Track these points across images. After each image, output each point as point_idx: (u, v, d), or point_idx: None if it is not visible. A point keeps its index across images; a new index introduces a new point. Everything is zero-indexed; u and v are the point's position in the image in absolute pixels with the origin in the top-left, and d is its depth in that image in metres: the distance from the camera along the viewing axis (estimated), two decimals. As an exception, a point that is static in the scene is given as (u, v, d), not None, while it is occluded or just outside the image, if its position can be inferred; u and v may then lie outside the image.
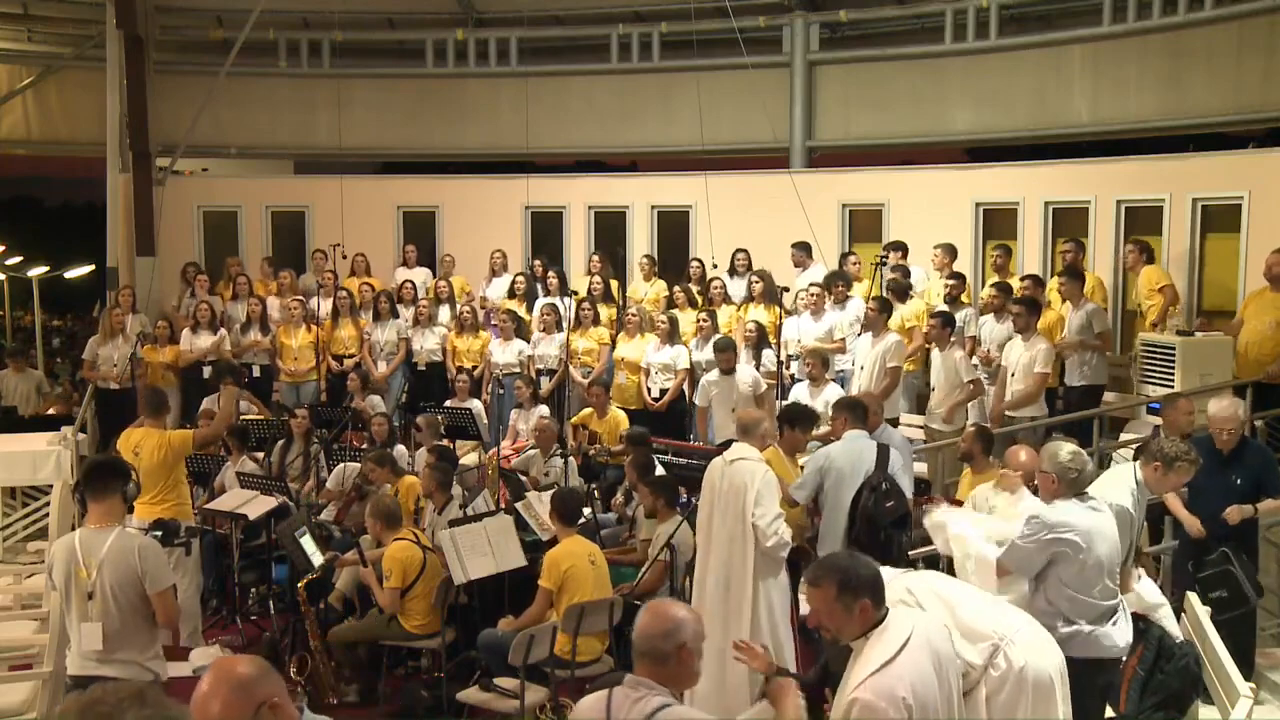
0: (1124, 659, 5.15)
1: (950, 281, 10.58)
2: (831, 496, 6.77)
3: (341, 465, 9.40)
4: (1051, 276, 11.23)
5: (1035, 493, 5.52)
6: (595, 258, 12.31)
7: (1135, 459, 5.81)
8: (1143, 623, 5.36)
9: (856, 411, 7.09)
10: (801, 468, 7.22)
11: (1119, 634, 5.02)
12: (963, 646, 4.30)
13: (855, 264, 11.59)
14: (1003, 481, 6.08)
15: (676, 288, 11.76)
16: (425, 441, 9.41)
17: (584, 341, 11.24)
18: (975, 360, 9.76)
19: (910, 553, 6.81)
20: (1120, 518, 5.19)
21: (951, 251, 11.03)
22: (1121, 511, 5.26)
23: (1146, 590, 5.57)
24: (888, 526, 6.52)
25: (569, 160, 17.15)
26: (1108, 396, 9.75)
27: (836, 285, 10.70)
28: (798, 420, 7.37)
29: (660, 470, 8.11)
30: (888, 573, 4.53)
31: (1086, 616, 4.94)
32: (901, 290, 10.68)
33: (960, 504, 6.45)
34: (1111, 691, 5.21)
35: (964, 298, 10.64)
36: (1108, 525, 5.04)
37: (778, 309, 10.72)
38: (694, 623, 3.46)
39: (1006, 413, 9.25)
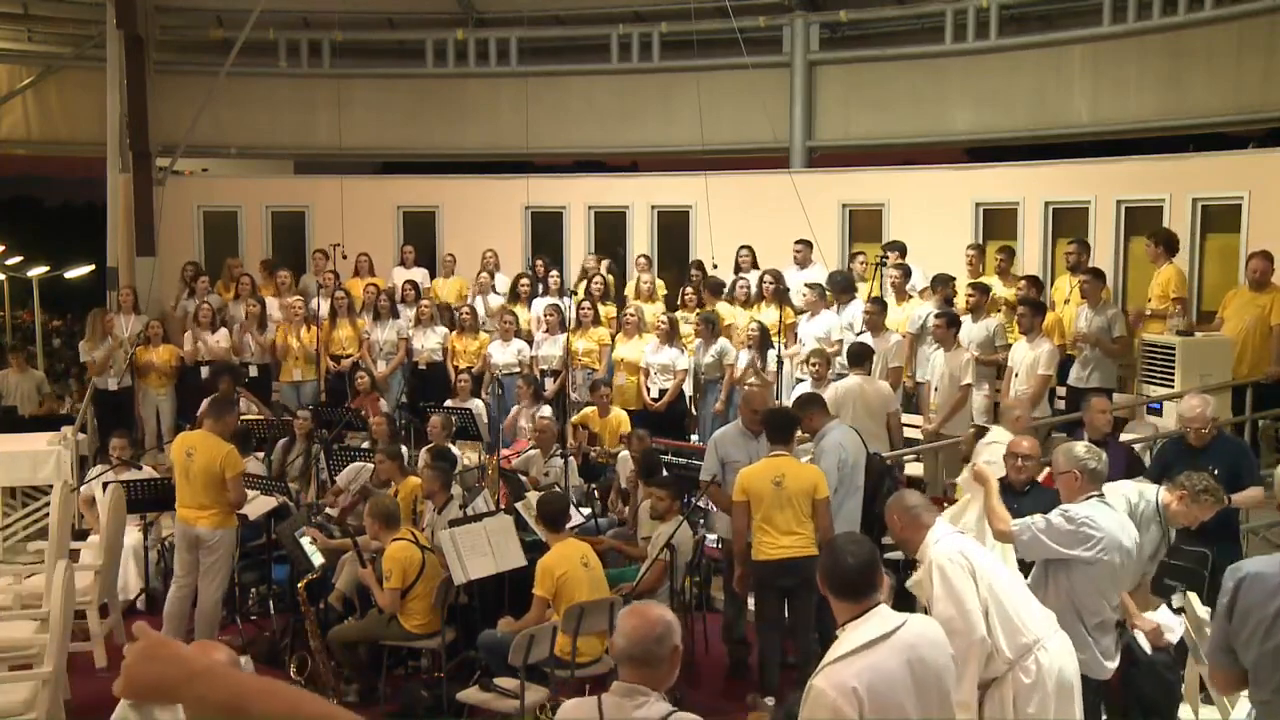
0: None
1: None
2: (847, 482, 7.08)
3: (357, 465, 9.27)
4: (1054, 278, 11.22)
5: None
6: (600, 263, 12.34)
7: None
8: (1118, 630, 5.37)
9: (821, 404, 7.46)
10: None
11: (1109, 657, 5.02)
12: (998, 635, 4.41)
13: (862, 264, 11.58)
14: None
15: (697, 289, 11.65)
16: (437, 441, 9.38)
17: (584, 342, 11.24)
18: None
19: None
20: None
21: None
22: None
23: (1163, 618, 5.60)
24: None
25: (569, 160, 17.15)
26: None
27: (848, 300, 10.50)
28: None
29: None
30: (944, 527, 4.59)
31: (1096, 617, 4.92)
32: (847, 286, 10.78)
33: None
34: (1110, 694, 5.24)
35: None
36: (1126, 530, 5.01)
37: (788, 308, 10.72)
38: (678, 624, 3.50)
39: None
